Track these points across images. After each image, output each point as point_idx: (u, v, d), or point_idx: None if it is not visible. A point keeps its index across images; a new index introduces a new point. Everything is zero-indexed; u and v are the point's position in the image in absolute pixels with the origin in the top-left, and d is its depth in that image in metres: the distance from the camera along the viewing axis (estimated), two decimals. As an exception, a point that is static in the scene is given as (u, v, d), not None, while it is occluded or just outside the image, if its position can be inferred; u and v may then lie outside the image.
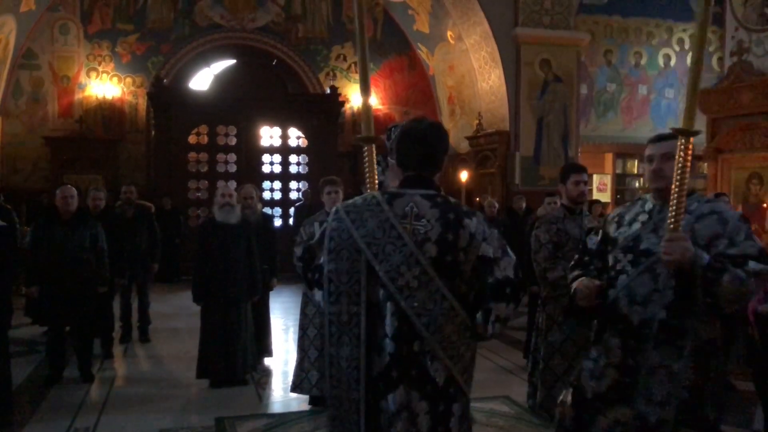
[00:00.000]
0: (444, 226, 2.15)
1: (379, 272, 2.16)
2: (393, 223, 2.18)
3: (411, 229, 2.17)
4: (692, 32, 14.98)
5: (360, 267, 2.20)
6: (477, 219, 2.20)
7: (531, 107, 12.79)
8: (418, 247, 2.14)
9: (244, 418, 4.97)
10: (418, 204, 2.21)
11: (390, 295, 2.15)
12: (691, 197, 2.49)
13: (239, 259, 5.75)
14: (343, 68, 15.20)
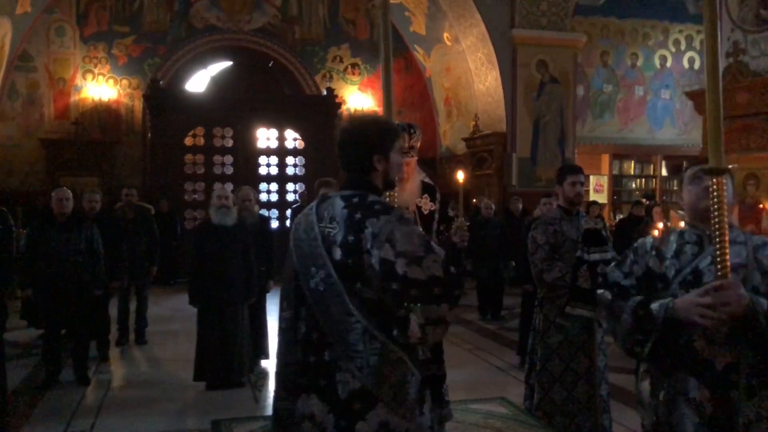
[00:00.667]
0: (347, 228, 2.06)
1: (299, 276, 2.11)
2: (313, 226, 2.13)
3: (325, 232, 2.11)
4: (688, 34, 15.03)
5: (291, 272, 2.17)
6: (384, 218, 2.02)
7: (527, 108, 12.80)
8: (326, 250, 2.07)
9: (240, 421, 4.96)
10: (334, 206, 2.14)
11: (304, 300, 2.09)
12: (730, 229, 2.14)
13: (235, 261, 5.74)
14: (339, 70, 15.20)
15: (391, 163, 2.22)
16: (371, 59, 15.28)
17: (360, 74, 15.31)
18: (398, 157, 2.29)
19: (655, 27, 14.93)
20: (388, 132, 2.24)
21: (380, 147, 2.20)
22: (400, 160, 2.34)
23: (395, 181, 2.29)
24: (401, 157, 3.60)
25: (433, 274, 1.98)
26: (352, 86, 15.27)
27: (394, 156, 2.24)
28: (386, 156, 2.20)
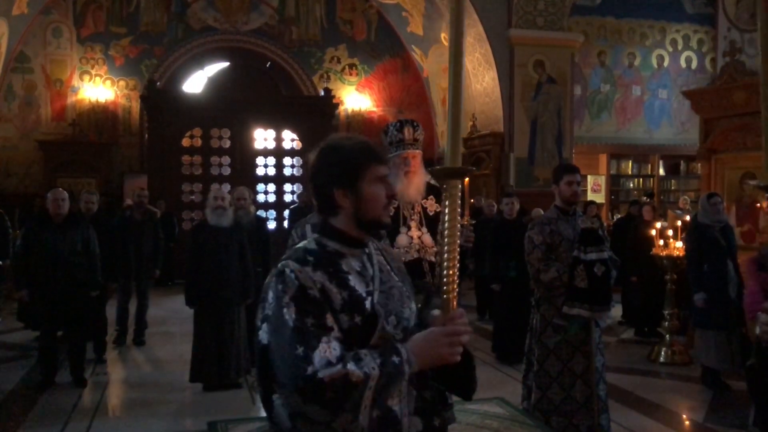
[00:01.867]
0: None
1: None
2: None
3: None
4: (685, 33, 15.04)
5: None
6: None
7: (525, 108, 12.79)
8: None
9: (237, 422, 4.94)
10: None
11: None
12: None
13: (232, 262, 5.72)
14: (337, 70, 15.19)
15: (364, 196, 1.73)
16: (369, 60, 15.27)
17: (357, 75, 15.30)
18: (385, 176, 1.80)
19: (652, 27, 14.93)
20: (355, 156, 1.75)
21: (342, 178, 1.73)
22: (385, 179, 1.81)
23: (379, 217, 1.77)
24: (394, 169, 3.36)
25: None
26: (349, 87, 15.26)
27: (372, 185, 1.74)
28: (353, 188, 1.73)
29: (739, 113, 7.06)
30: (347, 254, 1.75)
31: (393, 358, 1.60)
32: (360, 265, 1.76)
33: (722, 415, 5.18)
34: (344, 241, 1.76)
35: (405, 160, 3.42)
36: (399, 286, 1.82)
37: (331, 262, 1.70)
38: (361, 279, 1.73)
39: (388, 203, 1.79)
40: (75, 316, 5.83)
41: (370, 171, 1.76)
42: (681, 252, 6.38)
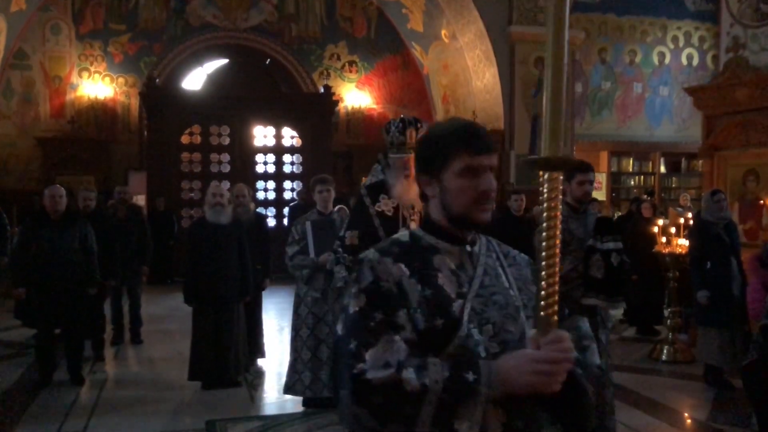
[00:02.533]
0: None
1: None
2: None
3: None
4: (687, 30, 14.98)
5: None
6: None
7: (526, 106, 12.74)
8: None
9: (235, 421, 4.90)
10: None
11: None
12: None
13: (231, 259, 5.67)
14: (337, 67, 15.12)
15: (448, 188, 1.55)
16: (368, 57, 15.20)
17: (358, 72, 15.24)
18: (479, 167, 1.55)
19: (653, 24, 14.86)
20: (443, 141, 1.57)
21: (427, 164, 1.60)
22: (481, 170, 1.55)
23: (466, 214, 1.55)
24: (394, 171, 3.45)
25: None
26: (349, 84, 15.19)
27: (458, 177, 1.54)
28: (437, 177, 1.57)
29: (741, 110, 7.00)
30: (442, 250, 1.57)
31: (467, 375, 1.37)
32: (457, 263, 1.56)
33: (725, 414, 5.13)
34: (440, 235, 1.59)
35: (406, 164, 3.43)
36: (509, 295, 1.57)
37: (419, 256, 1.54)
38: (454, 279, 1.53)
39: (481, 199, 1.53)
40: (73, 313, 5.78)
41: (459, 160, 1.53)
42: (684, 249, 6.33)
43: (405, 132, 3.47)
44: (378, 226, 3.59)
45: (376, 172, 3.80)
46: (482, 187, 1.53)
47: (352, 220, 3.80)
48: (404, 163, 3.44)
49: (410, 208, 3.55)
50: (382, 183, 3.68)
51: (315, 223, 5.21)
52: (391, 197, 3.61)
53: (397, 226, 3.49)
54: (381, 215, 3.63)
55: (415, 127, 3.49)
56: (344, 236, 3.71)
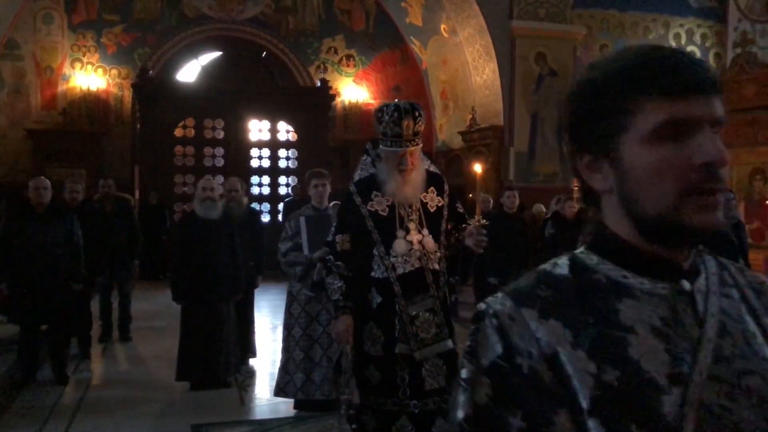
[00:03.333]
0: None
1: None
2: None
3: None
4: (689, 27, 14.80)
5: None
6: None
7: (525, 102, 12.55)
8: None
9: (222, 426, 4.69)
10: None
11: None
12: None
13: (221, 255, 5.47)
14: (334, 61, 14.90)
15: (631, 169, 0.85)
16: (366, 51, 14.99)
17: (355, 66, 15.02)
18: (684, 121, 0.82)
19: (656, 20, 14.67)
20: (614, 85, 0.86)
21: (586, 133, 0.90)
22: (685, 128, 0.83)
23: (671, 215, 0.83)
24: (387, 164, 3.02)
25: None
26: (346, 78, 14.98)
27: (650, 146, 0.83)
28: (609, 151, 0.87)
29: (749, 107, 6.82)
30: (635, 290, 0.86)
31: None
32: (666, 314, 0.84)
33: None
34: (630, 260, 0.87)
35: (402, 157, 2.99)
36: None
37: (591, 304, 0.84)
38: (662, 346, 0.82)
39: (700, 181, 0.81)
40: (57, 309, 5.57)
41: (647, 115, 0.83)
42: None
43: (401, 123, 2.93)
44: (372, 229, 3.03)
45: (365, 164, 3.27)
46: (700, 157, 0.82)
47: (342, 222, 3.18)
48: (399, 156, 2.99)
49: (407, 207, 3.07)
50: (372, 178, 3.15)
51: (310, 218, 5.00)
52: (385, 194, 3.07)
53: (394, 228, 3.04)
54: (374, 215, 3.06)
55: (413, 116, 2.95)
56: (334, 240, 3.14)
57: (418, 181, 3.07)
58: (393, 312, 2.96)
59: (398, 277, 2.95)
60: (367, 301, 3.02)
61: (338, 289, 3.02)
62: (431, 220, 3.09)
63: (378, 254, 3.00)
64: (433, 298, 2.98)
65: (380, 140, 3.06)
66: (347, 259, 3.04)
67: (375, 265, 3.01)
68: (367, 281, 3.02)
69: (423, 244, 3.02)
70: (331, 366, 4.88)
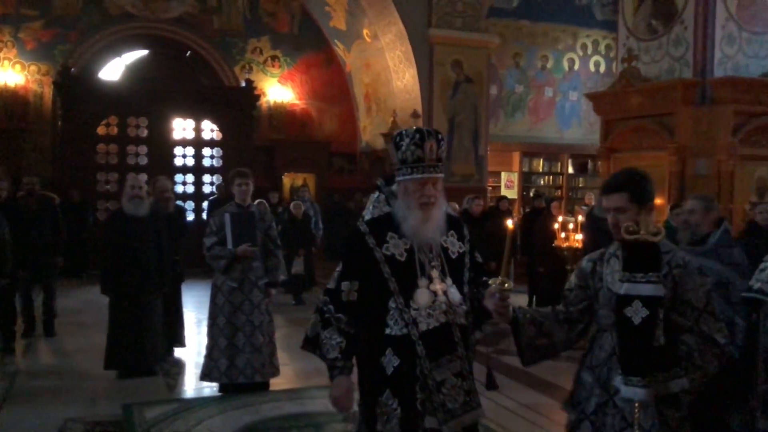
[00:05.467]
0: None
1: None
2: None
3: None
4: (595, 39, 15.85)
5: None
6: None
7: (443, 106, 13.18)
8: None
9: (152, 404, 5.01)
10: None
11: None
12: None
13: (149, 250, 5.76)
14: (259, 62, 15.15)
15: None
16: (291, 52, 15.31)
17: (280, 67, 15.32)
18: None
19: (564, 31, 15.63)
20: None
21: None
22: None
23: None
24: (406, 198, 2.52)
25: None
26: (272, 78, 15.26)
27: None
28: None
29: (635, 116, 7.62)
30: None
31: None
32: None
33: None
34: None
35: (423, 187, 2.50)
36: None
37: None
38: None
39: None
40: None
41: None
42: (580, 244, 6.85)
43: (423, 145, 2.49)
44: (389, 276, 2.50)
45: (378, 202, 2.76)
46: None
47: (350, 267, 2.60)
48: (421, 185, 2.50)
49: (427, 251, 2.56)
50: (388, 217, 2.63)
51: (234, 215, 5.38)
52: (402, 236, 2.55)
53: (414, 276, 2.52)
54: (391, 260, 2.53)
55: (436, 139, 2.53)
56: (338, 288, 2.58)
57: (441, 220, 2.59)
58: (413, 377, 2.45)
59: (421, 335, 2.45)
60: (380, 365, 2.49)
61: (336, 346, 2.52)
62: (453, 268, 2.61)
63: (396, 307, 2.48)
64: (461, 359, 2.51)
65: (398, 170, 2.58)
66: (352, 311, 2.54)
67: (391, 320, 2.49)
68: (380, 341, 2.50)
69: (447, 295, 2.54)
70: (253, 351, 5.30)
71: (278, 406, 5.07)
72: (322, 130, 15.62)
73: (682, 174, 7.08)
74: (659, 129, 7.26)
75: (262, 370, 5.37)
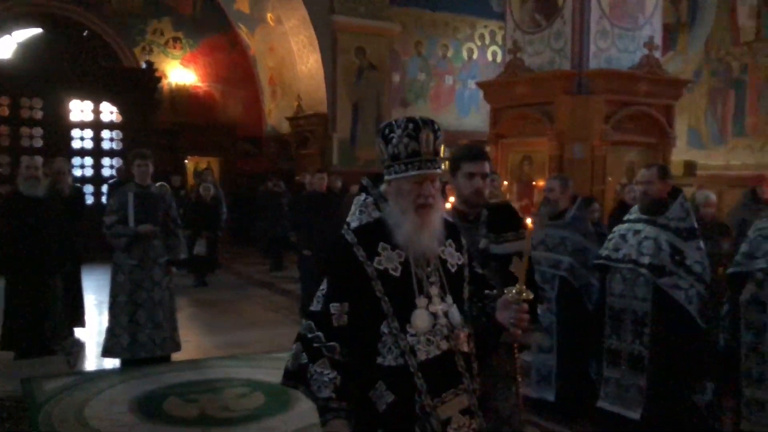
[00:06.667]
0: None
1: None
2: None
3: None
4: (492, 29, 16.55)
5: None
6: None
7: (347, 92, 13.48)
8: None
9: (52, 378, 5.10)
10: None
11: None
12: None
13: (48, 231, 5.78)
14: (160, 43, 14.91)
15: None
16: (194, 34, 15.16)
17: (182, 49, 15.14)
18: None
19: (463, 21, 16.24)
20: None
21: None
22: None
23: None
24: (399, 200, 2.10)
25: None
26: (173, 61, 15.06)
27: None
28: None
29: (520, 104, 8.18)
30: None
31: None
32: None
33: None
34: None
35: (420, 186, 2.08)
36: None
37: None
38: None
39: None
40: None
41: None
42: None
43: (418, 136, 2.05)
44: (382, 295, 2.07)
45: (365, 206, 2.20)
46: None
47: (336, 286, 2.13)
48: (418, 184, 2.08)
49: (424, 265, 2.14)
50: (378, 224, 2.16)
51: (136, 194, 5.50)
52: (396, 246, 2.12)
53: (410, 294, 2.09)
54: (383, 276, 2.10)
55: (432, 129, 2.09)
56: (326, 311, 2.11)
57: (439, 226, 2.15)
58: (412, 416, 2.05)
59: (421, 365, 2.05)
60: (370, 401, 2.07)
61: (330, 383, 2.05)
62: (453, 283, 2.19)
63: (389, 332, 2.06)
64: (467, 392, 2.12)
65: (388, 168, 2.13)
66: (345, 338, 2.09)
67: (384, 347, 2.06)
68: (370, 372, 2.08)
69: (449, 316, 2.13)
70: (154, 327, 5.47)
71: (179, 375, 5.30)
72: (226, 114, 15.58)
73: (561, 158, 7.69)
74: (541, 116, 7.83)
75: (164, 345, 5.55)
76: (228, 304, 8.75)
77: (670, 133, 8.10)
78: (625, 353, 4.09)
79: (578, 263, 4.54)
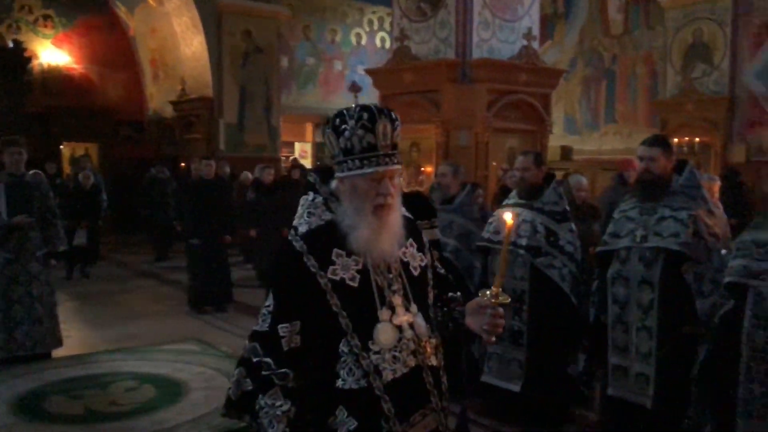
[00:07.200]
0: None
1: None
2: None
3: None
4: (380, 15, 16.73)
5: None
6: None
7: (234, 76, 13.20)
8: None
9: None
10: None
11: None
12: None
13: None
14: (29, 21, 13.94)
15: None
16: (67, 12, 14.28)
17: (54, 28, 14.24)
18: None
19: (352, 6, 16.32)
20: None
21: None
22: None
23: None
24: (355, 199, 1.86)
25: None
26: (44, 40, 14.13)
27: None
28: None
29: (407, 91, 8.36)
30: None
31: None
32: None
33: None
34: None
35: (379, 184, 1.84)
36: None
37: None
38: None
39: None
40: None
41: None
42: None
43: (375, 127, 1.81)
44: (338, 310, 1.84)
45: (313, 207, 1.95)
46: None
47: (284, 303, 1.87)
48: (375, 182, 1.84)
49: (385, 270, 1.91)
50: (329, 227, 1.90)
51: (8, 185, 5.18)
52: (352, 252, 1.87)
53: (371, 306, 1.86)
54: (339, 288, 1.85)
55: (390, 119, 1.85)
56: (274, 332, 1.84)
57: (399, 227, 1.92)
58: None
59: (387, 387, 1.83)
60: (329, 428, 1.85)
61: (282, 415, 1.80)
62: (416, 289, 1.97)
63: (350, 351, 1.83)
64: (436, 412, 1.92)
65: (339, 163, 1.87)
66: (298, 361, 1.84)
67: (343, 369, 1.83)
68: (328, 397, 1.85)
69: (414, 327, 1.91)
70: (33, 323, 5.21)
71: (61, 371, 5.09)
72: (105, 97, 14.82)
73: (447, 145, 7.96)
74: (428, 104, 8.05)
75: (44, 341, 5.31)
76: (112, 296, 8.44)
77: (548, 121, 8.55)
78: (506, 329, 4.34)
79: (463, 246, 4.76)
